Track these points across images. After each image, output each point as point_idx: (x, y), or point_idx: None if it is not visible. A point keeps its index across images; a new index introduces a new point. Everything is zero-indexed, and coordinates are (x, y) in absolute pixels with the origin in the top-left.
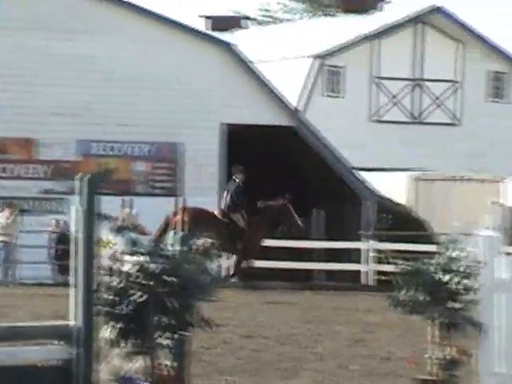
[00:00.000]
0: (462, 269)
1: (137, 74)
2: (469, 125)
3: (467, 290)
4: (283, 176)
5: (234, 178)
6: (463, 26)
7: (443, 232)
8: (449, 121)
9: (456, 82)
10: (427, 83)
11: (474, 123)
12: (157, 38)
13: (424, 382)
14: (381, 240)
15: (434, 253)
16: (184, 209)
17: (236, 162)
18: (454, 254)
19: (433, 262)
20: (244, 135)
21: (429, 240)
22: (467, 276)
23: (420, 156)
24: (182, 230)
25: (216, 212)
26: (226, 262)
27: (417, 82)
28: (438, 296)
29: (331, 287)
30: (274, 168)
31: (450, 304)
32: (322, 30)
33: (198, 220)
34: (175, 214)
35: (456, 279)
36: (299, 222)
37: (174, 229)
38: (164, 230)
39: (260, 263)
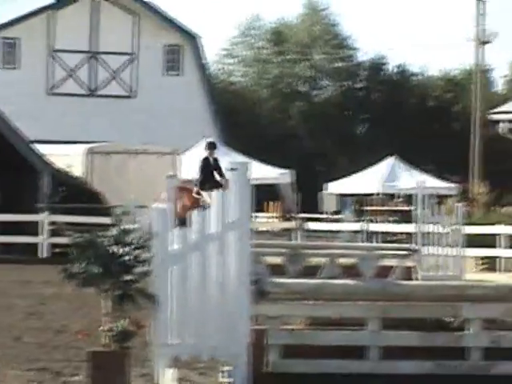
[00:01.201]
0: (134, 241)
1: None
2: (145, 97)
3: (140, 261)
4: None
5: None
6: None
7: (119, 204)
8: (125, 93)
9: (132, 55)
10: (103, 56)
11: (150, 96)
12: None
13: (96, 353)
14: (56, 212)
15: (109, 225)
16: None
17: None
18: (126, 226)
19: (107, 234)
20: None
21: (104, 212)
22: (140, 248)
23: (97, 129)
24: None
25: None
26: None
27: (93, 55)
28: (112, 268)
29: (7, 260)
30: None
31: (124, 276)
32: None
33: None
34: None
35: (129, 251)
36: None
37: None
38: None
39: None
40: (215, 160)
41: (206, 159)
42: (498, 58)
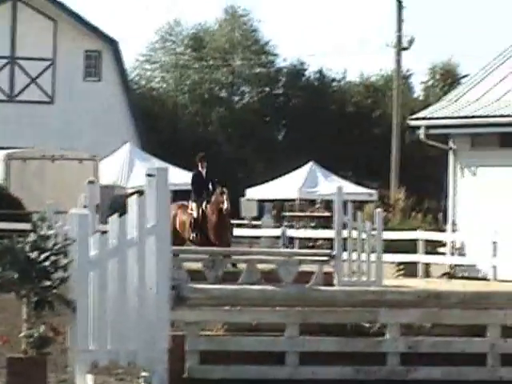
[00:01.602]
0: (53, 247)
1: None
2: (65, 103)
3: (58, 267)
4: None
5: None
6: (57, 3)
7: (37, 210)
8: (44, 99)
9: (51, 60)
10: (23, 61)
11: (70, 101)
12: None
13: (13, 360)
14: None
15: (27, 231)
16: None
17: None
18: (44, 232)
19: (25, 240)
20: None
21: (22, 218)
22: (59, 254)
23: (16, 134)
24: None
25: None
26: None
27: (13, 60)
28: (30, 274)
29: None
30: None
31: (42, 282)
32: None
33: None
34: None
35: (47, 257)
36: None
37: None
38: None
39: None
40: (207, 172)
41: (197, 174)
42: (417, 64)
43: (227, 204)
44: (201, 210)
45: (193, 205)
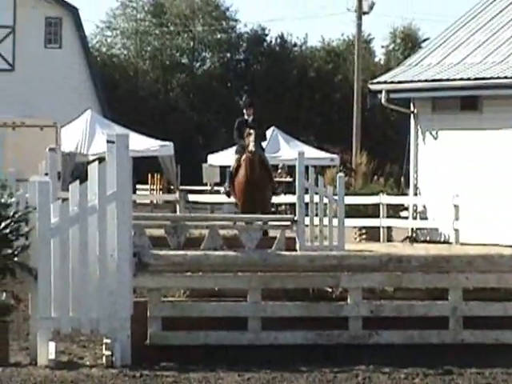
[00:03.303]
0: (13, 214)
1: None
2: (25, 70)
3: (19, 235)
4: None
5: None
6: None
7: None
8: (5, 66)
9: (11, 28)
10: None
11: (30, 68)
12: None
13: None
14: None
15: None
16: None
17: None
18: (5, 200)
19: None
20: None
21: None
22: (19, 221)
23: None
24: None
25: None
26: None
27: None
28: None
29: None
30: None
31: (3, 250)
32: None
33: None
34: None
35: (8, 224)
36: None
37: None
38: None
39: None
40: (254, 120)
41: (241, 121)
42: (378, 29)
43: (252, 145)
44: (238, 162)
45: (235, 156)
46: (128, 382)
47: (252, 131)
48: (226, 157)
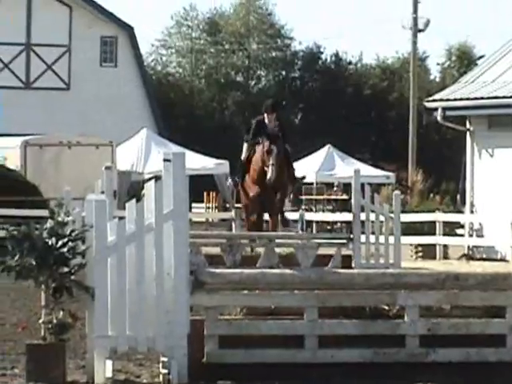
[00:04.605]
0: (70, 233)
1: None
2: (80, 89)
3: (76, 253)
4: None
5: None
6: None
7: (54, 197)
8: (60, 85)
9: (66, 47)
10: (38, 48)
11: (86, 88)
12: None
13: (32, 346)
14: None
15: (44, 217)
16: None
17: None
18: (62, 219)
19: (42, 226)
20: None
21: (40, 205)
22: (76, 240)
23: (33, 121)
24: None
25: None
26: None
27: (28, 47)
28: (48, 260)
29: None
30: None
31: (60, 268)
32: None
33: None
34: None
35: (65, 243)
36: None
37: None
38: None
39: None
40: (278, 127)
41: (259, 120)
42: (433, 46)
43: (271, 173)
44: (249, 153)
45: (244, 145)
46: None
47: (274, 148)
48: None
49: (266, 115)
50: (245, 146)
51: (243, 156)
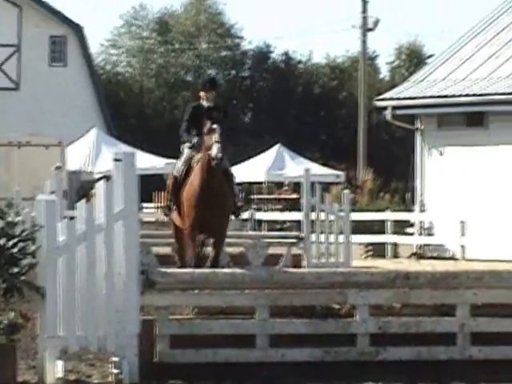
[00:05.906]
0: (20, 233)
1: None
2: (30, 89)
3: (26, 254)
4: None
5: None
6: None
7: (4, 197)
8: (10, 85)
9: (16, 47)
10: None
11: (35, 87)
12: None
13: None
14: None
15: None
16: None
17: None
18: (11, 219)
19: None
20: None
21: None
22: (26, 240)
23: None
24: None
25: None
26: None
27: None
28: None
29: None
30: None
31: (10, 269)
32: None
33: None
34: None
35: (15, 243)
36: None
37: None
38: None
39: None
40: (215, 108)
41: (195, 106)
42: (382, 45)
43: (217, 149)
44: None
45: (185, 151)
46: None
47: (216, 126)
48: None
49: (203, 93)
50: (186, 151)
51: (177, 169)
